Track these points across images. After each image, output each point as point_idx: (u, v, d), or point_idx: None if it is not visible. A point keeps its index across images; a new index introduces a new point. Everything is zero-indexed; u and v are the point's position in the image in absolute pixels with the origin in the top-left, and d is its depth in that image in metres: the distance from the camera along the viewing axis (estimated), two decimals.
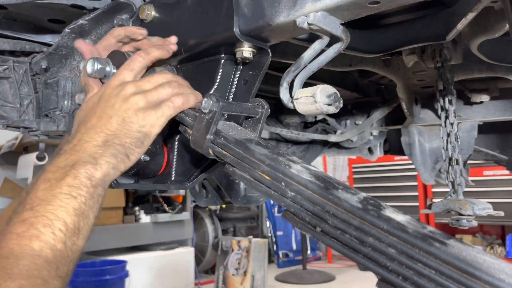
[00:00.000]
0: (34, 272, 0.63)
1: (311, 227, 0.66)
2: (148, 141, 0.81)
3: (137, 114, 0.79)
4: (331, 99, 0.75)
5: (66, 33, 1.11)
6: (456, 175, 1.36)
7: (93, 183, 0.74)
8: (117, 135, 0.78)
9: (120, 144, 0.78)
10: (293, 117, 2.04)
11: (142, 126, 0.79)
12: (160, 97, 0.82)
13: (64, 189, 0.72)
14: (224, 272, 5.56)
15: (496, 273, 0.50)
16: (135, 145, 0.79)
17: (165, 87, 0.83)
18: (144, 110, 0.80)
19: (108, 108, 0.80)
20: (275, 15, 0.75)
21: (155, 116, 0.80)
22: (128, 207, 5.63)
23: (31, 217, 0.68)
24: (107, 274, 4.17)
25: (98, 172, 0.75)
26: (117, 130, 0.78)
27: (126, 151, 0.78)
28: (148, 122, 0.80)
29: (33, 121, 1.23)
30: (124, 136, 0.78)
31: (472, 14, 0.89)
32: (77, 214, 0.71)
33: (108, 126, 0.78)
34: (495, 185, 5.98)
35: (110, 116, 0.79)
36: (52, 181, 0.73)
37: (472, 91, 1.72)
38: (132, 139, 0.79)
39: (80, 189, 0.72)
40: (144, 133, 0.80)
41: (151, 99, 0.81)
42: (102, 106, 0.81)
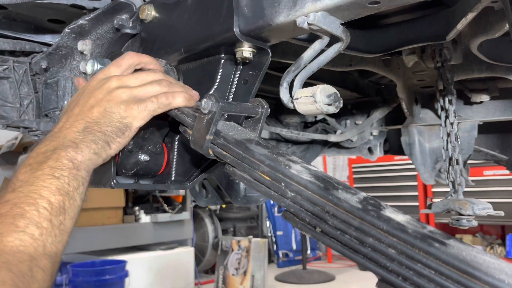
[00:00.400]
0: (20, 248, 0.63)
1: (311, 227, 0.66)
2: (129, 133, 0.81)
3: (119, 106, 0.80)
4: (331, 99, 0.75)
5: (66, 33, 1.11)
6: (456, 175, 1.36)
7: (75, 165, 0.74)
8: (98, 123, 0.79)
9: (100, 131, 0.79)
10: (293, 117, 2.04)
11: (123, 118, 0.80)
12: (146, 94, 0.82)
13: (46, 171, 0.72)
14: (224, 272, 5.56)
15: (496, 273, 0.50)
16: (115, 134, 0.80)
17: (154, 85, 0.84)
18: (127, 103, 0.81)
19: (92, 99, 0.81)
20: (275, 15, 0.75)
21: (137, 109, 0.81)
22: (128, 207, 5.63)
23: (14, 198, 0.68)
24: (107, 274, 4.17)
25: (79, 156, 0.75)
26: (98, 119, 0.79)
27: (107, 138, 0.79)
28: (129, 114, 0.81)
29: (33, 121, 1.23)
30: (105, 124, 0.79)
31: (472, 14, 0.89)
32: (61, 193, 0.71)
33: (89, 114, 0.79)
34: (495, 185, 5.98)
35: (92, 105, 0.80)
36: (33, 165, 0.73)
37: (472, 91, 1.72)
38: (113, 128, 0.80)
39: (62, 169, 0.72)
40: (125, 124, 0.80)
41: (136, 94, 0.82)
42: (86, 96, 0.82)
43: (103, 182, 0.89)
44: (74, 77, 1.16)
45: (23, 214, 0.66)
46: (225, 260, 5.59)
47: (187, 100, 0.85)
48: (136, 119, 0.81)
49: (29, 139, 4.00)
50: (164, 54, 0.95)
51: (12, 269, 0.60)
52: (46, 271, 0.65)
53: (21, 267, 0.61)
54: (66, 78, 1.18)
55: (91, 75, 0.90)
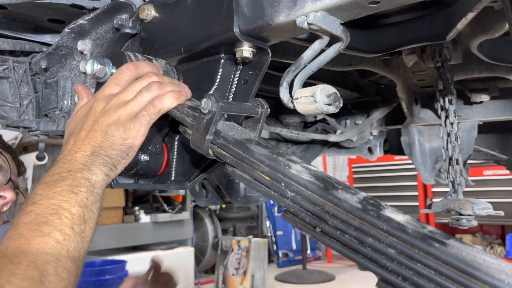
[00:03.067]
0: (46, 249, 0.67)
1: (311, 227, 0.66)
2: (132, 153, 0.84)
3: (119, 129, 0.83)
4: (331, 99, 0.75)
5: (66, 33, 1.11)
6: (456, 175, 1.36)
7: (92, 183, 0.78)
8: (103, 147, 0.82)
9: (107, 155, 0.82)
10: (293, 117, 2.04)
11: (124, 140, 0.83)
12: (139, 106, 0.84)
13: (64, 188, 0.75)
14: (224, 272, 5.56)
15: (495, 273, 0.50)
16: (120, 157, 0.83)
17: (144, 94, 0.84)
18: (125, 124, 0.83)
19: (94, 123, 0.84)
20: (275, 15, 0.75)
21: (135, 128, 0.83)
22: (128, 207, 5.63)
23: (37, 209, 0.72)
24: (107, 274, 4.17)
25: (94, 176, 0.79)
26: (102, 143, 0.82)
27: (113, 161, 0.82)
28: (129, 135, 0.83)
29: (33, 121, 1.23)
30: (109, 148, 0.82)
31: (472, 14, 0.89)
32: (81, 205, 0.75)
33: (94, 139, 0.82)
34: (495, 185, 5.98)
35: (96, 130, 0.83)
36: (51, 183, 0.77)
37: (472, 91, 1.72)
38: (117, 151, 0.83)
39: (80, 186, 0.76)
40: (127, 146, 0.83)
41: (131, 111, 0.84)
42: (89, 120, 0.85)
43: None
44: (74, 77, 1.16)
45: (47, 222, 0.70)
46: (225, 260, 5.59)
47: (175, 99, 0.85)
48: (136, 138, 0.83)
49: (29, 139, 4.00)
50: (164, 54, 0.95)
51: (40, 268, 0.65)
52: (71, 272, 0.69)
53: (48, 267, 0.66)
54: (66, 78, 1.18)
55: (91, 75, 0.90)
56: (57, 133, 1.22)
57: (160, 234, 5.57)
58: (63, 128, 1.17)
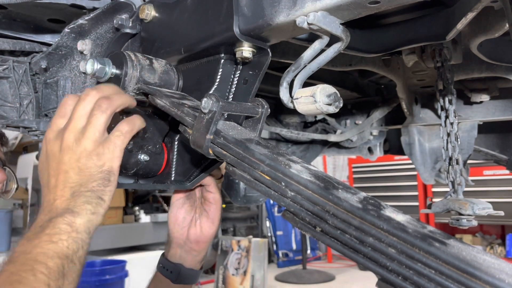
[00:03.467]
0: None
1: (311, 227, 0.66)
2: (114, 176, 0.80)
3: (91, 158, 0.78)
4: (331, 99, 0.75)
5: (66, 33, 1.11)
6: (456, 174, 1.36)
7: (74, 228, 0.73)
8: (81, 184, 0.77)
9: (88, 190, 0.77)
10: (293, 117, 2.05)
11: (101, 166, 0.78)
12: (101, 129, 0.80)
13: (43, 238, 0.71)
14: (224, 272, 5.56)
15: (496, 273, 0.50)
16: (103, 185, 0.78)
17: (97, 115, 0.80)
18: (96, 151, 0.78)
19: (60, 165, 0.79)
20: (275, 15, 0.75)
21: (109, 151, 0.79)
22: (128, 207, 5.63)
23: (12, 268, 0.68)
24: (107, 274, 4.17)
25: (78, 219, 0.74)
26: (79, 180, 0.77)
27: (97, 193, 0.78)
28: (104, 160, 0.79)
29: (33, 121, 1.23)
30: (88, 182, 0.77)
31: (472, 14, 0.89)
32: (60, 257, 0.70)
33: (68, 180, 0.77)
34: (495, 185, 5.99)
35: (66, 170, 0.78)
36: (31, 236, 0.72)
37: (472, 91, 1.72)
38: (98, 181, 0.78)
39: (60, 234, 0.72)
40: (106, 172, 0.79)
41: (94, 137, 0.79)
42: (52, 163, 0.80)
43: None
44: (74, 77, 1.16)
45: (20, 281, 0.65)
46: (225, 260, 5.59)
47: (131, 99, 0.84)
48: (113, 161, 0.79)
49: (29, 139, 4.00)
50: (164, 54, 0.95)
51: None
52: None
53: None
54: (66, 78, 1.18)
55: (91, 75, 0.90)
56: None
57: (160, 234, 5.57)
58: None
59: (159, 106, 0.88)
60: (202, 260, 1.13)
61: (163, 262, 1.14)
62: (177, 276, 1.10)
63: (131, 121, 0.84)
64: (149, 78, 0.91)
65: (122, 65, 0.88)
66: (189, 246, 1.10)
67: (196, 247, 1.10)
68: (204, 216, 1.09)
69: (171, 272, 1.11)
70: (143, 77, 0.90)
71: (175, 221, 1.11)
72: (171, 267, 1.11)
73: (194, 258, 1.11)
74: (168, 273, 1.11)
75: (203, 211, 1.09)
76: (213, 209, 1.08)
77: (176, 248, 1.13)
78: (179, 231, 1.11)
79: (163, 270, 1.13)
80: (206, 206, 1.09)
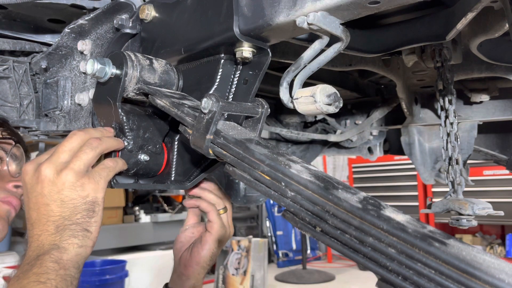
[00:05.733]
0: None
1: (311, 227, 0.66)
2: (99, 207, 0.79)
3: (74, 189, 0.77)
4: (330, 99, 0.75)
5: (66, 33, 1.11)
6: (456, 174, 1.36)
7: (61, 265, 0.72)
8: (64, 217, 0.76)
9: (72, 223, 0.75)
10: (293, 117, 2.05)
11: (85, 197, 0.77)
12: (87, 164, 0.79)
13: (31, 278, 0.70)
14: (224, 271, 5.56)
15: (495, 273, 0.50)
16: (88, 217, 0.77)
17: (87, 151, 0.80)
18: (79, 181, 0.77)
19: (40, 197, 0.77)
20: (275, 15, 0.75)
21: (93, 182, 0.78)
22: (128, 207, 5.63)
23: None
24: (107, 274, 4.17)
25: (64, 255, 0.73)
26: (62, 213, 0.76)
27: (82, 226, 0.76)
28: (88, 191, 0.77)
29: (33, 121, 1.23)
30: (72, 214, 0.76)
31: (472, 14, 0.89)
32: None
33: (49, 213, 0.76)
34: (495, 184, 5.98)
35: (47, 203, 0.76)
36: (20, 275, 0.71)
37: (472, 91, 1.72)
38: (82, 213, 0.76)
39: (48, 273, 0.70)
40: (90, 202, 0.77)
41: (79, 169, 0.78)
42: (32, 198, 0.78)
43: None
44: (74, 77, 1.17)
45: None
46: (225, 260, 5.59)
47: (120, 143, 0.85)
48: (98, 191, 0.78)
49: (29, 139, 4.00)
50: (164, 54, 0.95)
51: None
52: None
53: None
54: (66, 78, 1.18)
55: (91, 75, 0.90)
56: (57, 133, 1.22)
57: (160, 234, 5.57)
58: (63, 128, 1.17)
59: (159, 106, 0.88)
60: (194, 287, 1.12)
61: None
62: None
63: (115, 160, 0.84)
64: (149, 78, 0.91)
65: (122, 65, 0.89)
66: (180, 270, 1.12)
67: (184, 272, 1.10)
68: (197, 242, 1.10)
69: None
70: (143, 77, 0.90)
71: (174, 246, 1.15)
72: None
73: (184, 284, 1.11)
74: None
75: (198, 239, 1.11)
76: (207, 236, 1.09)
77: (172, 273, 1.16)
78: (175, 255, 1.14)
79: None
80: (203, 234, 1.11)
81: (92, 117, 1.07)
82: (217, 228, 1.09)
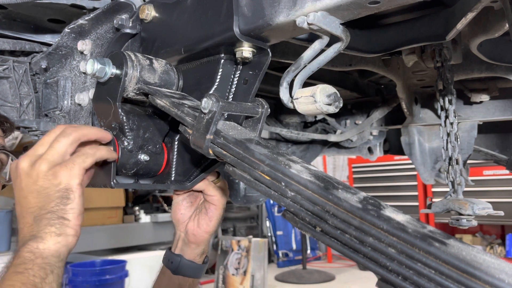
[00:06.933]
0: None
1: (311, 227, 0.66)
2: (73, 194, 0.79)
3: (47, 178, 0.77)
4: (330, 99, 0.75)
5: (66, 33, 1.11)
6: (456, 174, 1.36)
7: (38, 254, 0.73)
8: (40, 207, 0.77)
9: (48, 211, 0.76)
10: (293, 117, 2.05)
11: (57, 185, 0.78)
12: (60, 151, 0.80)
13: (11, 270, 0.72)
14: (224, 271, 5.56)
15: (495, 273, 0.50)
16: (62, 204, 0.77)
17: (60, 139, 0.80)
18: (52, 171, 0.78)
19: (20, 191, 0.79)
20: (275, 15, 0.75)
21: (66, 170, 0.78)
22: (128, 207, 5.63)
23: None
24: (107, 274, 4.17)
25: (41, 244, 0.74)
26: (37, 203, 0.77)
27: (58, 214, 0.77)
28: (61, 178, 0.78)
29: (33, 121, 1.23)
30: (47, 203, 0.77)
31: (472, 14, 0.89)
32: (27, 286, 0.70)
33: (28, 205, 0.77)
34: (495, 184, 5.98)
35: (25, 196, 0.78)
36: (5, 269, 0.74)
37: (472, 91, 1.72)
38: (55, 201, 0.77)
39: (25, 263, 0.72)
40: (64, 189, 0.78)
41: (52, 158, 0.79)
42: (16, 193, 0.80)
43: (103, 182, 0.89)
44: (74, 77, 1.17)
45: None
46: (225, 260, 5.60)
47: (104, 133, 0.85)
48: (71, 178, 0.78)
49: (29, 139, 3.99)
50: (164, 54, 0.95)
51: None
52: None
53: None
54: (66, 78, 1.18)
55: (91, 75, 0.90)
56: None
57: (160, 234, 5.57)
58: None
59: (159, 106, 0.88)
60: (202, 253, 1.16)
61: (167, 253, 1.18)
62: (177, 266, 1.14)
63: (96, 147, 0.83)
64: (149, 78, 0.91)
65: (122, 65, 0.89)
66: (188, 238, 1.14)
67: (193, 240, 1.13)
68: (203, 213, 1.12)
69: (172, 263, 1.15)
70: (143, 77, 0.90)
71: (175, 217, 1.16)
72: (173, 257, 1.15)
73: (193, 251, 1.14)
74: (170, 263, 1.15)
75: (202, 209, 1.13)
76: (212, 208, 1.11)
77: (178, 241, 1.17)
78: (179, 225, 1.16)
79: (167, 262, 1.17)
80: (206, 205, 1.12)
81: (92, 117, 1.07)
82: (218, 200, 1.10)
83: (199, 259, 1.15)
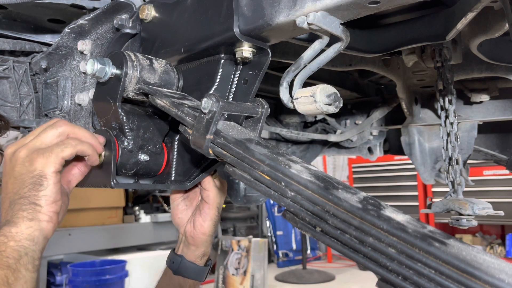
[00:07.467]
0: None
1: (311, 227, 0.66)
2: (47, 181, 0.80)
3: (24, 164, 0.79)
4: (330, 99, 0.75)
5: (66, 33, 1.11)
6: (456, 174, 1.36)
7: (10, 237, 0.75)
8: (15, 192, 0.78)
9: (20, 197, 0.78)
10: (293, 117, 2.05)
11: (32, 171, 0.79)
12: (45, 141, 0.81)
13: None
14: (224, 271, 5.56)
15: (495, 273, 0.50)
16: (34, 190, 0.78)
17: (48, 130, 0.82)
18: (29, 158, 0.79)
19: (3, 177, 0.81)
20: (275, 15, 0.75)
21: (43, 157, 0.79)
22: (128, 207, 5.63)
23: None
24: (107, 274, 4.17)
25: (13, 228, 0.75)
26: (13, 189, 0.79)
27: (29, 199, 0.78)
28: (36, 165, 0.79)
29: (33, 121, 1.23)
30: (20, 188, 0.78)
31: (472, 14, 0.89)
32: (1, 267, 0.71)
33: (7, 191, 0.79)
34: (495, 184, 5.98)
35: (6, 182, 0.80)
36: None
37: (472, 91, 1.72)
38: (28, 186, 0.78)
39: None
40: (37, 176, 0.79)
41: (33, 146, 0.81)
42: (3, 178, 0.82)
43: (103, 182, 0.90)
44: (74, 77, 1.17)
45: None
46: (225, 260, 5.60)
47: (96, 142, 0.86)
48: (46, 165, 0.79)
49: None
50: (164, 54, 0.95)
51: None
52: None
53: None
54: (66, 78, 1.18)
55: (91, 75, 0.90)
56: None
57: (160, 234, 5.57)
58: None
59: (159, 106, 0.88)
60: (203, 256, 1.16)
61: (170, 254, 1.20)
62: (177, 266, 1.15)
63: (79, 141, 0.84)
64: (149, 78, 0.91)
65: (122, 65, 0.89)
66: (187, 241, 1.15)
67: (192, 242, 1.14)
68: (197, 214, 1.12)
69: (173, 263, 1.16)
70: (143, 77, 0.90)
71: (174, 221, 1.17)
72: (175, 258, 1.17)
73: (193, 253, 1.15)
74: (171, 263, 1.17)
75: (197, 210, 1.13)
76: (205, 208, 1.11)
77: (180, 243, 1.19)
78: (179, 228, 1.17)
79: (169, 262, 1.18)
80: (201, 205, 1.12)
81: (92, 117, 1.07)
82: (213, 197, 1.10)
83: (200, 261, 1.16)
